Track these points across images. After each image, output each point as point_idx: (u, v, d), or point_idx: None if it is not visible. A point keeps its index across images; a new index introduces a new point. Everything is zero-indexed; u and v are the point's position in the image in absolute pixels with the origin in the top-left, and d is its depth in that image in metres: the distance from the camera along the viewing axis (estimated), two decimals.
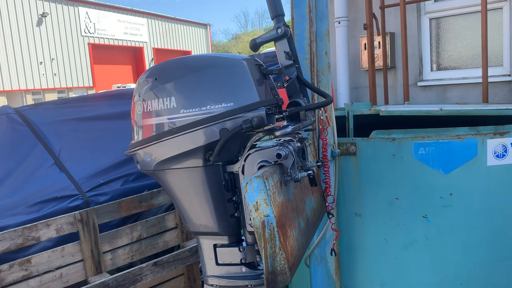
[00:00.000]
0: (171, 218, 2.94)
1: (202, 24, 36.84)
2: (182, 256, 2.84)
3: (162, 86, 1.47)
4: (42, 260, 2.39)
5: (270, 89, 1.51)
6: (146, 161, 1.54)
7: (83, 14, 26.03)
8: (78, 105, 3.63)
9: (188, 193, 1.51)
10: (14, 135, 3.10)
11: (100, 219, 2.61)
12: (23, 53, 22.51)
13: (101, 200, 2.84)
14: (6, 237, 2.27)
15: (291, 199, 1.44)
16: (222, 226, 1.51)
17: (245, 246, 1.51)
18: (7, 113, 3.21)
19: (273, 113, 1.42)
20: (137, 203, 2.78)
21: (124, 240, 2.72)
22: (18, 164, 2.96)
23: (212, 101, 1.40)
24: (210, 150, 1.42)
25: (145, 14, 31.17)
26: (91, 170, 3.02)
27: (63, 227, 2.46)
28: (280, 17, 1.69)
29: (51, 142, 3.11)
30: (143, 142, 1.52)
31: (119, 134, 3.21)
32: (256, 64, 1.50)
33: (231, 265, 1.53)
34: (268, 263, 1.22)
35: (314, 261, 2.18)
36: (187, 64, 1.51)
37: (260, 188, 1.22)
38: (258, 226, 1.21)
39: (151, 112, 1.48)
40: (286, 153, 1.38)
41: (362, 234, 2.21)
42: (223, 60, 1.48)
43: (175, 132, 1.43)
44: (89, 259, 2.55)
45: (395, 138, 2.07)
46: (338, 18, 5.02)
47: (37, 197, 2.74)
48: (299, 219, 1.48)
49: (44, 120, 3.25)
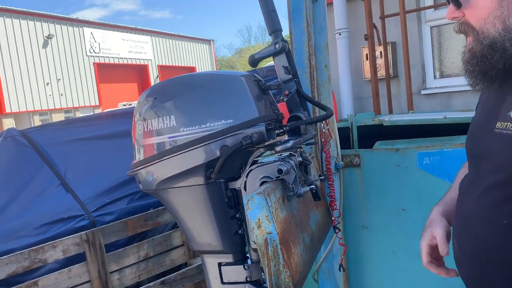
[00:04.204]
0: (177, 236, 2.92)
1: (206, 40, 37.20)
2: (190, 274, 2.82)
3: (162, 105, 1.47)
4: (49, 282, 2.38)
5: (269, 104, 1.51)
6: (148, 180, 1.53)
7: (88, 35, 26.40)
8: (83, 125, 3.64)
9: (190, 211, 1.50)
10: (20, 157, 3.12)
11: (107, 239, 2.60)
12: (30, 74, 22.82)
13: (107, 220, 2.83)
14: (13, 260, 2.27)
15: (294, 215, 1.43)
16: (226, 244, 1.49)
17: (250, 264, 1.49)
18: (12, 136, 3.24)
19: (273, 128, 1.41)
20: (143, 222, 2.77)
21: (131, 259, 2.71)
22: (24, 186, 2.97)
23: (211, 118, 1.40)
24: (212, 167, 1.41)
25: (148, 32, 31.56)
26: (96, 189, 3.02)
27: (70, 248, 2.46)
28: (278, 32, 1.70)
29: (57, 163, 3.12)
30: (144, 162, 1.52)
31: (124, 153, 3.21)
32: (255, 80, 1.50)
33: (237, 283, 1.52)
34: (273, 281, 1.20)
35: (322, 276, 2.15)
36: (186, 82, 1.52)
37: (262, 205, 1.21)
38: (260, 244, 1.20)
39: (151, 131, 1.49)
40: (287, 168, 1.38)
41: (370, 247, 2.18)
42: (221, 77, 1.49)
43: (176, 150, 1.43)
44: (96, 280, 2.54)
45: (399, 148, 2.06)
46: (339, 29, 5.04)
47: (44, 219, 2.74)
48: (303, 234, 1.46)
49: (50, 141, 3.27)
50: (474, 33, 1.09)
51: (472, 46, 1.10)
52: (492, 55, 1.05)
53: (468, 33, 1.12)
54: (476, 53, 1.09)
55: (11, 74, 21.76)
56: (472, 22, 1.09)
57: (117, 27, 28.98)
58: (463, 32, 1.13)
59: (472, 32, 1.10)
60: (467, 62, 1.12)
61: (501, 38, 1.04)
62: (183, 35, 35.29)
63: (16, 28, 22.37)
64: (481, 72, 1.09)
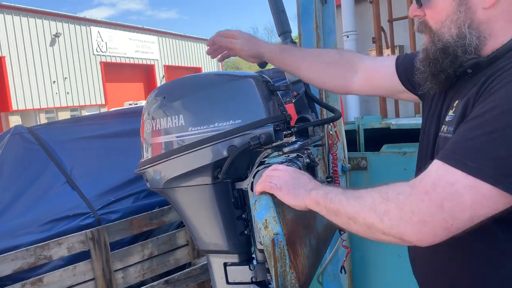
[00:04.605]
0: (182, 235, 2.93)
1: None
2: (194, 273, 2.82)
3: (171, 105, 1.47)
4: (54, 279, 2.38)
5: (277, 105, 1.51)
6: (156, 179, 1.54)
7: (95, 34, 26.52)
8: (90, 123, 3.66)
9: (197, 210, 1.51)
10: (27, 154, 3.14)
11: (112, 237, 2.60)
12: (37, 72, 22.95)
13: (112, 218, 2.84)
14: (19, 256, 2.28)
15: (301, 216, 1.42)
16: (232, 244, 1.49)
17: (256, 264, 1.49)
18: (20, 133, 3.25)
19: (281, 129, 1.41)
20: (148, 221, 2.77)
21: (135, 258, 2.71)
22: (31, 183, 2.99)
23: (220, 118, 1.40)
24: (219, 167, 1.41)
25: (155, 32, 31.67)
26: (102, 188, 3.03)
27: (75, 245, 2.46)
28: (287, 34, 1.70)
29: (63, 161, 3.13)
30: (152, 160, 1.52)
31: (130, 152, 3.21)
32: (264, 81, 1.50)
33: (242, 284, 1.51)
34: (279, 282, 1.20)
35: (327, 278, 2.15)
36: (195, 82, 1.52)
37: (269, 206, 1.21)
38: (267, 245, 1.20)
39: (160, 130, 1.49)
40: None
41: (375, 250, 2.17)
42: (230, 78, 1.49)
43: (183, 150, 1.43)
44: (101, 278, 2.54)
45: (406, 152, 2.05)
46: (347, 32, 5.03)
47: (49, 216, 2.75)
48: (309, 236, 1.46)
49: (56, 139, 3.28)
50: (431, 34, 1.10)
51: (426, 47, 1.11)
52: (444, 59, 1.05)
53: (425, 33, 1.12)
54: (429, 54, 1.10)
55: (18, 71, 21.89)
56: (430, 22, 1.10)
57: (124, 26, 29.10)
58: (421, 31, 1.14)
59: (430, 32, 1.10)
60: (420, 61, 1.12)
61: (454, 43, 1.04)
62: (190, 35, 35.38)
63: (24, 26, 22.51)
64: (431, 73, 1.10)
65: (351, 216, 1.03)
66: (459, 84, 1.10)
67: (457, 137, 0.96)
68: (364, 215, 1.00)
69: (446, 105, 1.13)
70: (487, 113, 0.91)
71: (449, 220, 0.91)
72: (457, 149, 0.93)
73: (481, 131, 0.91)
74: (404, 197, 0.95)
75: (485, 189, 0.88)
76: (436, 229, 0.92)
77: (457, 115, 1.03)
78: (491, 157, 0.88)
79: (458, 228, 0.92)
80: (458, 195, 0.90)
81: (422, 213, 0.92)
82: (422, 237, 0.94)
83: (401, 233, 0.95)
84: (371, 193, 1.02)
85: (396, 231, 0.96)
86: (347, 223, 1.05)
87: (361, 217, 1.01)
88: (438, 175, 0.93)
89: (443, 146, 1.02)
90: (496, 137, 0.88)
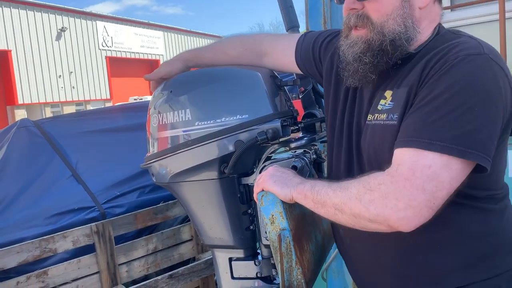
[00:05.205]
0: (186, 230, 2.93)
1: (217, 36, 37.23)
2: (198, 268, 2.82)
3: (177, 99, 1.47)
4: (59, 272, 2.39)
5: (285, 101, 1.50)
6: (162, 173, 1.53)
7: (101, 28, 26.57)
8: (95, 118, 3.66)
9: (203, 205, 1.50)
10: (33, 147, 3.15)
11: (116, 231, 2.61)
12: (43, 66, 23.03)
13: (117, 212, 2.85)
14: (24, 249, 2.29)
15: (307, 212, 1.41)
16: (237, 239, 1.49)
17: (261, 260, 1.49)
18: (26, 126, 3.26)
19: (288, 125, 1.40)
20: (153, 215, 2.78)
21: (139, 252, 2.72)
22: (36, 176, 3.00)
23: (227, 113, 1.39)
24: (225, 162, 1.41)
25: (161, 27, 31.69)
26: (107, 182, 3.04)
27: (79, 239, 2.47)
28: (295, 28, 1.69)
29: (69, 154, 3.14)
30: (158, 155, 1.52)
31: (135, 146, 3.22)
32: (271, 76, 1.49)
33: (247, 279, 1.51)
34: (285, 277, 1.19)
35: (331, 275, 2.14)
36: (202, 76, 1.52)
37: (275, 201, 1.21)
38: (274, 240, 1.19)
39: (166, 124, 1.48)
40: (302, 165, 1.37)
41: None
42: (238, 72, 1.48)
43: (190, 144, 1.42)
44: (105, 271, 2.55)
45: None
46: None
47: (55, 209, 2.76)
48: (315, 232, 1.45)
49: (62, 133, 3.29)
50: (372, 27, 1.13)
51: (369, 38, 1.14)
52: (394, 51, 1.12)
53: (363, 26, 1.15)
54: (373, 46, 1.13)
55: (24, 65, 21.97)
56: (372, 15, 1.14)
57: (130, 21, 29.14)
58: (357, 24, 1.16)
59: (371, 25, 1.14)
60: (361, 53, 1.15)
61: (402, 36, 1.11)
62: (195, 31, 35.38)
63: (30, 20, 22.57)
64: (374, 65, 1.14)
65: (338, 207, 1.08)
66: (383, 75, 1.17)
67: (416, 123, 1.03)
68: (351, 205, 1.06)
69: (370, 95, 1.20)
70: (440, 96, 1.01)
71: (431, 200, 0.98)
72: (423, 134, 1.00)
73: (440, 113, 0.99)
74: (386, 187, 1.01)
75: (457, 164, 0.98)
76: (422, 211, 0.98)
77: (399, 103, 1.10)
78: (456, 134, 0.97)
79: (438, 205, 0.99)
80: (436, 175, 0.97)
81: (407, 198, 0.98)
82: (409, 221, 0.99)
83: (388, 220, 1.00)
84: (355, 184, 1.07)
85: (382, 218, 1.01)
86: (334, 214, 1.10)
87: (348, 207, 1.06)
88: (413, 160, 0.99)
89: (382, 133, 1.11)
90: (455, 116, 0.98)
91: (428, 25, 1.16)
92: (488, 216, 1.14)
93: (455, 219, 1.11)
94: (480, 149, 0.98)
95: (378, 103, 1.16)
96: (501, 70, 1.05)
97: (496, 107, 1.02)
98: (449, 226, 1.11)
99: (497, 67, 1.05)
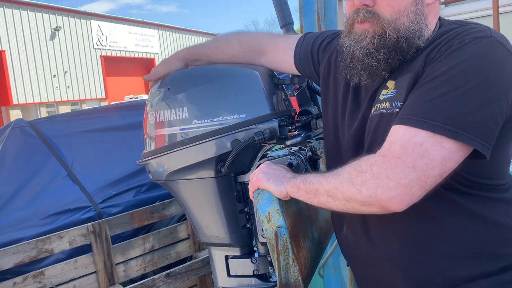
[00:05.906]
0: (183, 229, 2.93)
1: (212, 34, 37.16)
2: (195, 267, 2.83)
3: (175, 97, 1.46)
4: (56, 272, 2.39)
5: (282, 100, 1.50)
6: (158, 171, 1.53)
7: (95, 27, 26.44)
8: (90, 117, 3.66)
9: (199, 203, 1.50)
10: (28, 148, 3.14)
11: (113, 231, 2.61)
12: (37, 66, 22.90)
13: (113, 212, 2.85)
14: (20, 250, 2.28)
15: (303, 209, 1.42)
16: (234, 237, 1.49)
17: (257, 258, 1.49)
18: (20, 126, 3.25)
19: (285, 125, 1.40)
20: (149, 214, 2.77)
21: (136, 252, 2.72)
22: (32, 176, 2.99)
23: (224, 112, 1.39)
24: (222, 161, 1.40)
25: (156, 25, 31.58)
26: (103, 181, 3.04)
27: (76, 239, 2.47)
28: (289, 26, 1.69)
29: (64, 154, 3.14)
30: (155, 152, 1.51)
31: (131, 145, 3.22)
32: (269, 75, 1.49)
33: (243, 277, 1.51)
34: (282, 275, 1.19)
35: (328, 271, 2.15)
36: (200, 74, 1.51)
37: (272, 199, 1.21)
38: (270, 238, 1.19)
39: (163, 122, 1.48)
40: (297, 162, 1.37)
41: None
42: (236, 71, 1.48)
43: (187, 142, 1.42)
44: (102, 271, 2.55)
45: None
46: None
47: (51, 209, 2.76)
48: (312, 229, 1.45)
49: (57, 133, 3.28)
50: (382, 23, 1.12)
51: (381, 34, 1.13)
52: (409, 48, 1.12)
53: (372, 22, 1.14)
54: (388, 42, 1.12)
55: (18, 65, 21.84)
56: (385, 11, 1.13)
57: (125, 20, 29.01)
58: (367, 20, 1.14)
59: (381, 22, 1.13)
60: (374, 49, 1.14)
61: (417, 32, 1.12)
62: (190, 29, 35.30)
63: (24, 19, 22.43)
64: (387, 62, 1.13)
65: (331, 193, 1.08)
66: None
67: (413, 102, 1.03)
68: (343, 189, 1.05)
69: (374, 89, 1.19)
70: (441, 76, 1.00)
71: (422, 178, 0.97)
72: (418, 112, 1.00)
73: (438, 93, 0.99)
74: (378, 167, 1.00)
75: (450, 144, 0.97)
76: (413, 189, 0.97)
77: (402, 90, 1.09)
78: (450, 115, 0.97)
79: (430, 185, 0.98)
80: (427, 153, 0.97)
81: (398, 176, 0.97)
82: (401, 200, 0.98)
83: (380, 200, 0.99)
84: (347, 169, 1.07)
85: (374, 199, 1.00)
86: (326, 201, 1.10)
87: (340, 191, 1.05)
88: (406, 138, 0.99)
89: (386, 121, 1.09)
90: (452, 96, 0.98)
91: (433, 19, 1.17)
92: (496, 205, 1.12)
93: (461, 207, 1.09)
94: (474, 133, 0.96)
95: (380, 93, 1.16)
96: (509, 54, 1.03)
97: (497, 92, 0.99)
98: (456, 214, 1.10)
99: (504, 51, 1.03)
